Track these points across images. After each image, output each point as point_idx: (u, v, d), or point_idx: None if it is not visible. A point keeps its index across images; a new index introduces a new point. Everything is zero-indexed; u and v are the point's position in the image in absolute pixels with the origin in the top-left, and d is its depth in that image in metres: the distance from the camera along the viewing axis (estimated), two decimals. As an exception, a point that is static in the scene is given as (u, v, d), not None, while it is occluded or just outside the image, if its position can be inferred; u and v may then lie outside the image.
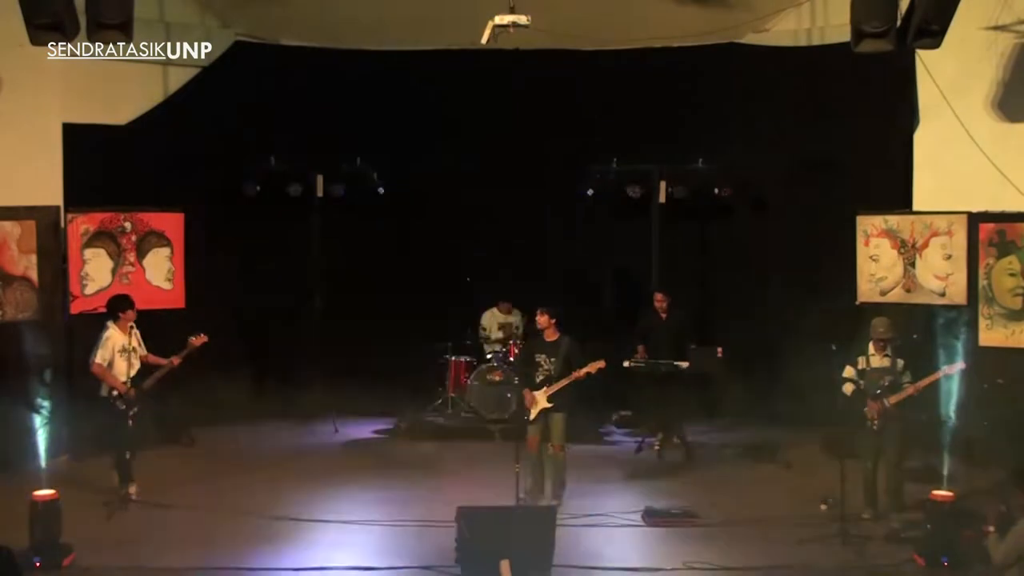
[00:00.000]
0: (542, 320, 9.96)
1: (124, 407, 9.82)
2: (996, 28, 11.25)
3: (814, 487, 10.19)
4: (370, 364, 13.04)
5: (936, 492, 8.59)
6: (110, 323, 10.01)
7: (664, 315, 12.05)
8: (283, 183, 12.96)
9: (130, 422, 9.84)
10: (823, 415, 10.50)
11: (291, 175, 12.96)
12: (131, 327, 10.02)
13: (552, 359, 9.86)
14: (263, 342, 13.31)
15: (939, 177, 11.98)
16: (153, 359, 10.14)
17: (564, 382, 9.77)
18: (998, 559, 7.81)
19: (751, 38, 13.12)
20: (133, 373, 9.92)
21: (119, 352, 9.89)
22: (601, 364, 9.78)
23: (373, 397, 13.23)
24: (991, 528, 8.18)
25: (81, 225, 11.79)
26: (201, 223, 12.62)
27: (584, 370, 9.74)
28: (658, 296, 12.10)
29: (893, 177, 12.39)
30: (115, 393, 9.82)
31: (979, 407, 11.01)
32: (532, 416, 9.82)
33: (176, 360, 10.10)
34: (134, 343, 9.99)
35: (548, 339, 9.97)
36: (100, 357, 9.84)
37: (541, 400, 9.80)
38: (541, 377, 9.89)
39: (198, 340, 10.14)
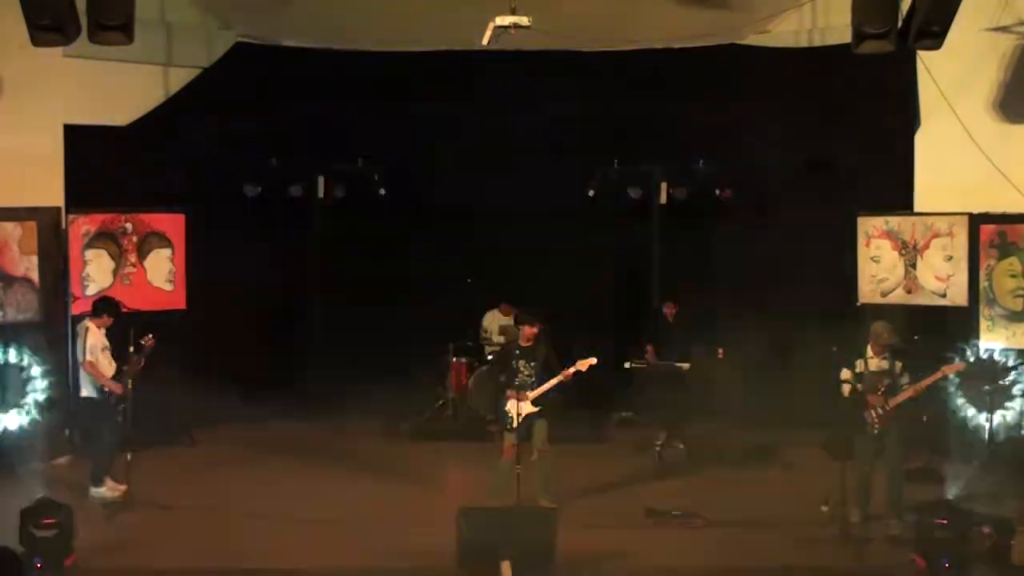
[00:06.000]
0: (532, 331, 9.67)
1: (113, 404, 9.82)
2: (997, 29, 11.24)
3: (815, 488, 10.20)
4: (371, 365, 13.03)
5: (938, 493, 8.60)
6: (89, 321, 10.01)
7: (671, 320, 12.24)
8: (284, 184, 12.97)
9: (119, 419, 9.83)
10: (824, 416, 10.49)
11: (292, 176, 12.96)
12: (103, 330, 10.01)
13: (532, 364, 9.63)
14: (264, 343, 13.30)
15: (940, 178, 11.97)
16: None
17: (553, 382, 9.52)
18: None
19: (751, 39, 13.10)
20: (113, 372, 9.95)
21: (102, 350, 9.91)
22: (592, 361, 9.46)
23: (374, 398, 13.24)
24: None
25: (82, 226, 11.79)
26: (202, 224, 12.62)
27: (573, 368, 9.45)
28: (668, 305, 12.36)
29: (894, 178, 12.37)
30: (106, 391, 9.83)
31: (980, 408, 11.03)
32: (517, 423, 9.39)
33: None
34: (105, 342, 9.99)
35: (524, 344, 9.73)
36: (90, 354, 9.85)
37: (526, 405, 9.50)
38: (521, 384, 9.59)
39: (148, 342, 9.91)
